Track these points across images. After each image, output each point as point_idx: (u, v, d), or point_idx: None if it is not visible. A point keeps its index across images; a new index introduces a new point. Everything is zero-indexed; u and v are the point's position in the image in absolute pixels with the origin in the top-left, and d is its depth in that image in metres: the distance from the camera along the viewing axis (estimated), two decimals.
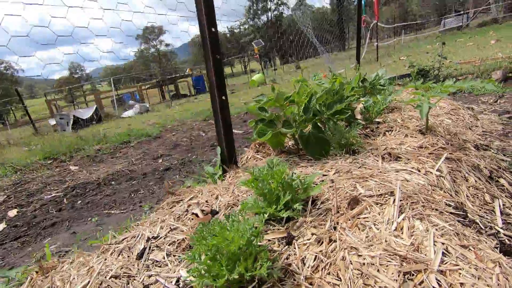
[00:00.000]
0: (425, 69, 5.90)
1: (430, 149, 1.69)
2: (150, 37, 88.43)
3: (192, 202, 1.55)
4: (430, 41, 21.30)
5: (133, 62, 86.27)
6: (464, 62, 6.78)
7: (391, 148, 1.77)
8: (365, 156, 1.67)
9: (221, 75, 1.81)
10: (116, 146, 7.09)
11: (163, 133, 7.64)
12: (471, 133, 2.44)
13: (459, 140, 2.00)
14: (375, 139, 2.01)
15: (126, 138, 7.54)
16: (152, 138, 7.09)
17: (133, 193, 2.84)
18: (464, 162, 1.55)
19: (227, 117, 1.88)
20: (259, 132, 1.73)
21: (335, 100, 2.05)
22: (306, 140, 1.88)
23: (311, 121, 1.94)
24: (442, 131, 2.02)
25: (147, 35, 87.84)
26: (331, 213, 1.13)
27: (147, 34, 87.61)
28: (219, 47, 1.79)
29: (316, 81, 2.00)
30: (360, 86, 2.85)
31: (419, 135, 1.93)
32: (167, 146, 5.70)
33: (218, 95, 1.81)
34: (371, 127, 2.24)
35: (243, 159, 2.28)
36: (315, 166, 1.66)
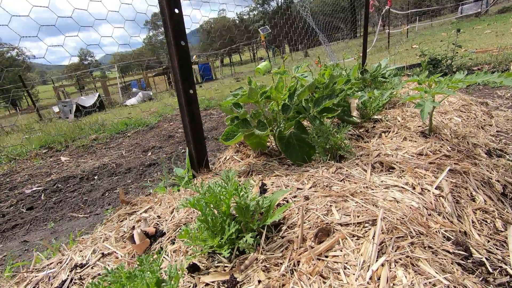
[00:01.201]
0: (437, 59, 5.47)
1: (431, 158, 1.41)
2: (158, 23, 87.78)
3: (145, 216, 1.33)
4: (445, 28, 20.29)
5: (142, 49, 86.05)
6: (481, 50, 6.28)
7: (385, 155, 1.50)
8: (352, 165, 1.40)
9: (187, 65, 1.55)
10: (113, 136, 6.94)
11: (160, 122, 7.44)
12: (483, 134, 2.13)
13: (468, 144, 1.70)
14: (368, 142, 1.73)
15: (123, 128, 7.39)
16: (149, 128, 6.91)
17: (108, 192, 2.65)
18: (471, 175, 1.27)
19: (195, 114, 1.62)
20: (226, 134, 1.47)
21: (323, 96, 1.77)
22: (286, 143, 1.62)
23: (294, 120, 1.67)
24: (448, 134, 1.73)
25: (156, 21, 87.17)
26: (293, 246, 0.89)
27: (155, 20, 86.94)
28: (184, 31, 1.52)
29: (298, 74, 1.72)
30: (359, 78, 2.54)
31: (420, 138, 1.64)
32: (161, 137, 5.50)
33: (183, 88, 1.55)
34: (366, 126, 1.95)
35: (220, 159, 2.04)
36: (292, 175, 1.41)
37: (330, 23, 17.29)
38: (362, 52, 6.06)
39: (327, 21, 16.96)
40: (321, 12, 26.82)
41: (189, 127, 1.62)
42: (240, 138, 1.47)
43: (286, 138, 1.63)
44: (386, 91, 1.78)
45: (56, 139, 6.77)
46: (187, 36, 1.56)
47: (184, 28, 1.53)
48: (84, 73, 49.85)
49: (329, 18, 19.09)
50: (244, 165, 1.78)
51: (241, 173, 1.61)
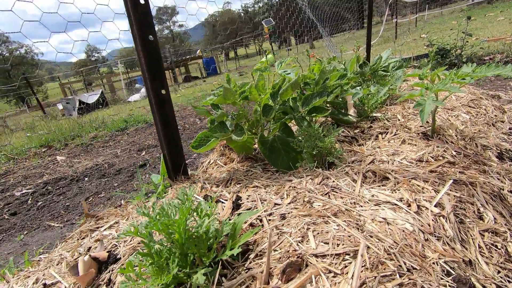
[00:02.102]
0: (445, 49, 5.17)
1: (433, 165, 1.23)
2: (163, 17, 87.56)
3: (106, 234, 1.19)
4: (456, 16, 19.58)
5: None
6: (493, 39, 5.94)
7: (380, 161, 1.32)
8: (341, 174, 1.23)
9: (157, 62, 1.39)
10: (112, 134, 6.87)
11: None
12: (494, 133, 1.92)
13: (476, 147, 1.50)
14: (363, 145, 1.55)
15: (123, 125, 7.31)
16: (148, 126, 6.80)
17: (92, 197, 2.53)
18: (479, 186, 1.09)
19: (168, 116, 1.46)
20: (199, 140, 1.31)
21: (314, 94, 1.59)
22: (269, 147, 1.45)
23: (279, 121, 1.50)
24: (454, 135, 1.53)
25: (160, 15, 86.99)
26: (255, 285, 0.73)
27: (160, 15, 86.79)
28: (151, 24, 1.35)
29: (281, 70, 1.53)
30: (357, 72, 2.34)
31: (421, 141, 1.45)
32: None
33: (152, 88, 1.39)
34: (362, 126, 1.77)
35: (204, 164, 1.88)
36: (272, 186, 1.24)
37: (336, 14, 16.87)
38: (366, 43, 5.79)
39: (333, 12, 16.53)
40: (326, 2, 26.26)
41: (162, 131, 1.46)
42: (214, 144, 1.31)
43: (270, 142, 1.46)
44: (383, 87, 1.59)
45: (56, 137, 6.73)
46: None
47: (152, 20, 1.36)
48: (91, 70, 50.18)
49: (335, 8, 18.65)
50: (226, 171, 1.62)
51: (219, 182, 1.45)
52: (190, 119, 6.39)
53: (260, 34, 37.59)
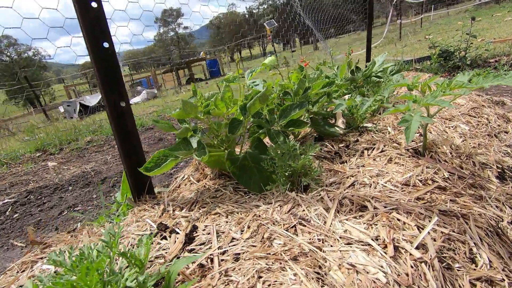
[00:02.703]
0: (449, 50, 4.97)
1: (420, 191, 1.06)
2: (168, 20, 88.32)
3: (46, 268, 1.05)
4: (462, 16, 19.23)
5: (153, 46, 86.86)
6: (499, 40, 5.71)
7: (361, 184, 1.16)
8: (314, 201, 1.07)
9: (114, 72, 1.25)
10: (108, 138, 6.78)
11: None
12: (496, 146, 1.74)
13: (473, 165, 1.33)
14: (345, 163, 1.39)
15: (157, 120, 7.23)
16: (144, 129, 6.70)
17: (68, 210, 2.41)
18: (472, 220, 0.92)
19: (128, 130, 1.32)
20: (155, 160, 1.17)
21: (293, 105, 1.44)
22: (240, 166, 1.31)
23: (253, 136, 1.35)
24: (448, 152, 1.36)
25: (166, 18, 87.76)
26: None
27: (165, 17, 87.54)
28: (106, 30, 1.21)
29: (249, 81, 1.37)
30: (348, 78, 2.18)
31: (411, 159, 1.29)
32: (151, 140, 5.27)
33: (109, 101, 1.25)
34: (348, 140, 1.61)
35: (177, 179, 1.74)
36: (236, 214, 1.09)
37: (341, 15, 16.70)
38: (366, 46, 5.62)
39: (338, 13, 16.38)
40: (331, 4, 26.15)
41: (121, 147, 1.32)
42: (171, 165, 1.17)
43: (240, 160, 1.31)
44: (369, 98, 1.43)
45: (52, 141, 6.66)
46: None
47: (107, 25, 1.22)
48: None
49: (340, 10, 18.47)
50: (195, 190, 1.48)
51: (184, 204, 1.31)
52: None
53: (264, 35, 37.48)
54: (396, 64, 5.36)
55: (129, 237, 1.07)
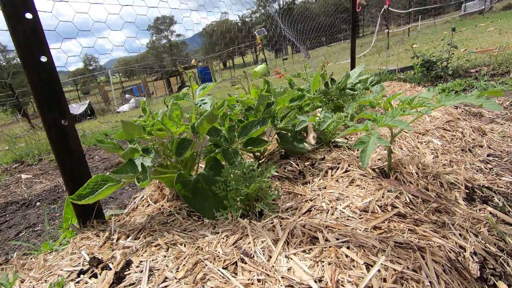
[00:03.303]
0: (431, 60, 5.01)
1: (378, 219, 0.98)
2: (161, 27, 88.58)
3: None
4: (448, 27, 19.70)
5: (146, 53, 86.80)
6: (481, 50, 5.80)
7: (318, 210, 1.07)
8: (264, 230, 0.98)
9: (53, 88, 1.15)
10: (89, 148, 6.59)
11: None
12: (469, 162, 1.68)
13: (440, 187, 1.26)
14: (307, 184, 1.31)
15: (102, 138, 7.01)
16: (122, 143, 6.54)
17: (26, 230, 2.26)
18: (429, 254, 0.84)
19: (72, 151, 1.22)
20: (91, 186, 1.06)
21: (254, 122, 1.36)
22: (193, 189, 1.21)
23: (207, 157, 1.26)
24: (415, 171, 1.29)
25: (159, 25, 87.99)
26: None
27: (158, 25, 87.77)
28: (43, 43, 1.12)
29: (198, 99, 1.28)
30: (322, 91, 2.12)
31: (374, 181, 1.21)
32: None
33: (48, 120, 1.15)
34: (314, 158, 1.53)
35: (136, 200, 1.63)
36: (177, 247, 0.99)
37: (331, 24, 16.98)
38: (351, 56, 5.63)
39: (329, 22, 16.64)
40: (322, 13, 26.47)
41: (64, 169, 1.21)
42: (109, 191, 1.07)
43: (193, 182, 1.21)
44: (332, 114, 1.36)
45: (31, 151, 6.45)
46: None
47: (44, 38, 1.13)
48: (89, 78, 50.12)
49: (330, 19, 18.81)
50: (149, 213, 1.37)
51: (132, 231, 1.20)
52: None
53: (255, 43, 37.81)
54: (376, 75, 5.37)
55: (56, 274, 0.95)
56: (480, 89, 3.92)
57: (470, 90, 4.03)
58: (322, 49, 30.88)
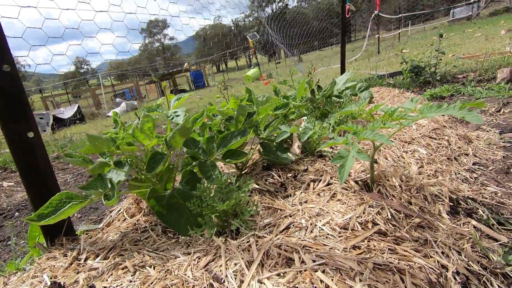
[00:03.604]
0: (420, 66, 5.05)
1: (358, 237, 0.94)
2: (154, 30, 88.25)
3: None
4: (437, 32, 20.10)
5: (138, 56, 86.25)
6: (468, 56, 5.88)
7: (297, 227, 1.03)
8: (240, 250, 0.93)
9: (17, 98, 1.08)
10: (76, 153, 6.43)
11: None
12: (454, 171, 1.66)
13: (424, 200, 1.23)
14: (288, 198, 1.26)
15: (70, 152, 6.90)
16: None
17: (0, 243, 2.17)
18: (409, 276, 0.80)
19: (38, 165, 1.15)
20: (54, 205, 1.00)
21: (234, 133, 1.31)
22: (167, 205, 1.15)
23: (183, 171, 1.20)
24: (398, 184, 1.26)
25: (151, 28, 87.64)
26: None
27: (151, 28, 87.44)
28: (5, 50, 1.05)
29: (171, 112, 1.22)
30: (307, 99, 2.08)
31: (356, 194, 1.17)
32: None
33: (9, 132, 1.08)
34: (297, 169, 1.48)
35: (113, 213, 1.56)
36: (145, 269, 0.93)
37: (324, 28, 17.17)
38: (341, 60, 5.64)
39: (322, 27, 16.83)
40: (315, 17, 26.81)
41: (27, 186, 1.14)
42: (73, 210, 1.00)
43: (167, 198, 1.15)
44: (312, 127, 1.32)
45: None
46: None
47: (6, 45, 1.06)
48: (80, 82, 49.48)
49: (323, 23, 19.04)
50: (123, 229, 1.31)
51: (102, 250, 1.13)
52: None
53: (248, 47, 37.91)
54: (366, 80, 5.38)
55: None
56: (467, 95, 3.95)
57: (458, 96, 4.07)
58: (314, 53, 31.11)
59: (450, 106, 1.10)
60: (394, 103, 3.02)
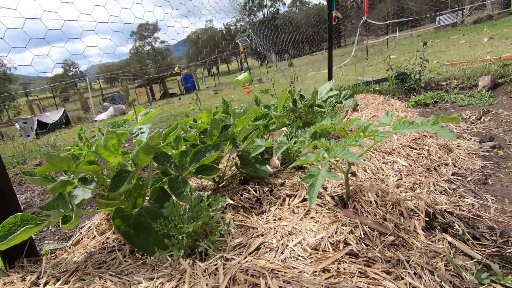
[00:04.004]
0: (405, 73, 5.12)
1: (329, 259, 0.91)
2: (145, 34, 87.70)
3: None
4: (423, 38, 20.55)
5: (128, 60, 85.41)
6: (452, 63, 6.00)
7: (268, 248, 0.99)
8: (206, 274, 0.88)
9: None
10: None
11: None
12: (433, 182, 1.66)
13: (400, 216, 1.21)
14: (263, 215, 1.23)
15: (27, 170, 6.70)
16: None
17: None
18: None
19: None
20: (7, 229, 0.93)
21: (208, 146, 1.27)
22: (134, 224, 1.10)
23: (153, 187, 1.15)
24: (373, 200, 1.24)
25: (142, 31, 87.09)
26: None
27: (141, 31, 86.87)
28: None
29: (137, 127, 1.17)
30: (289, 109, 2.06)
31: (329, 213, 1.15)
32: None
33: None
34: (274, 183, 1.45)
35: (83, 230, 1.49)
36: None
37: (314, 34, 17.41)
38: (328, 66, 5.68)
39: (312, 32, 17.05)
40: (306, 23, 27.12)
41: None
42: (27, 234, 0.94)
43: (135, 216, 1.10)
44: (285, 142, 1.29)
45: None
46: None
47: None
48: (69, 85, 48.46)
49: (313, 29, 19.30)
50: (91, 248, 1.24)
51: (64, 273, 1.07)
52: None
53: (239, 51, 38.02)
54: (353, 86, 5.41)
55: None
56: (450, 102, 4.01)
57: (441, 103, 4.13)
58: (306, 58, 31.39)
59: (424, 121, 1.09)
60: (377, 110, 3.03)
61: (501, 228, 1.32)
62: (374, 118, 2.70)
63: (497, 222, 1.37)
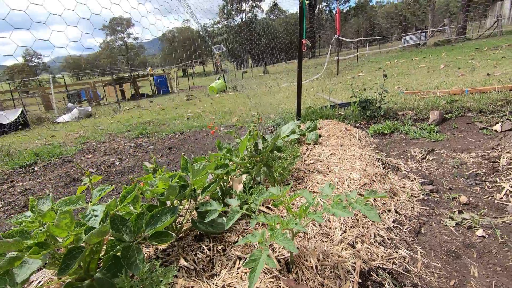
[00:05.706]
0: (367, 100, 5.48)
1: None
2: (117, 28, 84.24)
3: None
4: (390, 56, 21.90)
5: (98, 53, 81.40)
6: (410, 92, 6.51)
7: None
8: None
9: None
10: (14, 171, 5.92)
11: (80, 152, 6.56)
12: (374, 233, 1.85)
13: (337, 278, 1.36)
14: (213, 278, 1.31)
15: (31, 159, 6.34)
16: (61, 162, 5.98)
17: None
18: None
19: None
20: None
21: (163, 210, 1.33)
22: None
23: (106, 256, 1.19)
24: (314, 265, 1.37)
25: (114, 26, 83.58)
26: None
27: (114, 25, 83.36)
28: None
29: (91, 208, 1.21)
30: (249, 155, 2.17)
31: (274, 280, 1.26)
32: (62, 179, 4.71)
33: None
34: (227, 241, 1.54)
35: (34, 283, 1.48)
36: None
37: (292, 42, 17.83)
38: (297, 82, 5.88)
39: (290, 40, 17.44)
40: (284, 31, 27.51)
41: None
42: None
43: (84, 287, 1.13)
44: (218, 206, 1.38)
45: None
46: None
47: None
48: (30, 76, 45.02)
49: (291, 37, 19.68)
50: None
51: None
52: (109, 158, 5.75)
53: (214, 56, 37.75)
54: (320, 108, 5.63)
55: None
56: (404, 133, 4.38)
57: (397, 133, 4.49)
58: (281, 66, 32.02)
59: (358, 200, 1.24)
60: (337, 146, 3.25)
61: (423, 285, 1.52)
62: (332, 156, 2.90)
63: (421, 279, 1.57)
